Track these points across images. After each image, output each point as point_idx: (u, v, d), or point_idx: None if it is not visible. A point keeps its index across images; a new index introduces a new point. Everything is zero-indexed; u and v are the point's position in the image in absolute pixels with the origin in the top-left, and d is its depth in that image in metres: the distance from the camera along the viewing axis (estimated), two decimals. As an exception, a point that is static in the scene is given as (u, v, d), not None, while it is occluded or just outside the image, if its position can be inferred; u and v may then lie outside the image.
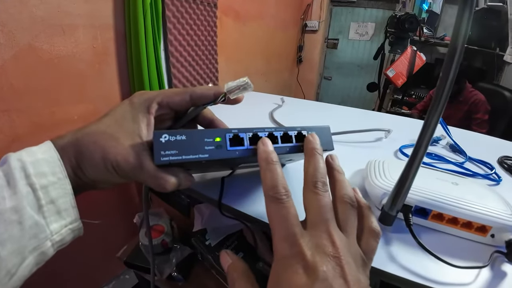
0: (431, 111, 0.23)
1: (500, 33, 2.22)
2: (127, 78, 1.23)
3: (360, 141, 0.60)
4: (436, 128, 0.24)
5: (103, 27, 1.11)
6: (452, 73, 0.22)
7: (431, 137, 0.24)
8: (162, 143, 0.24)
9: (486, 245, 0.32)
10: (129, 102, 0.27)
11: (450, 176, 0.39)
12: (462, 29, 0.21)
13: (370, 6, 2.92)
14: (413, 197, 0.31)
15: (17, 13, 0.85)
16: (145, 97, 0.27)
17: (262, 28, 2.32)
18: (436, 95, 0.22)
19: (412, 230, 0.29)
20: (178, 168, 0.27)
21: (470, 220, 0.31)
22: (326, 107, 0.96)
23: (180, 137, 0.24)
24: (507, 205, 0.33)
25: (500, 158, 0.59)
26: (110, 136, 0.24)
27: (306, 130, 0.30)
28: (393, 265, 0.28)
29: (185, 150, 0.24)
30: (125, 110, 0.26)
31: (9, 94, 0.89)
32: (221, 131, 0.26)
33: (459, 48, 0.21)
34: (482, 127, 1.88)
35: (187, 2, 1.37)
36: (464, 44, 0.21)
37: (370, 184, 0.35)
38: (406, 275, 0.27)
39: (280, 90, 2.95)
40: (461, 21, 0.20)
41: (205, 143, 0.25)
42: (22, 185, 0.20)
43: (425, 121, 0.24)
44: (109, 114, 0.26)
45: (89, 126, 0.25)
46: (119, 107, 0.27)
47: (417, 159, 0.25)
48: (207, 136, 0.25)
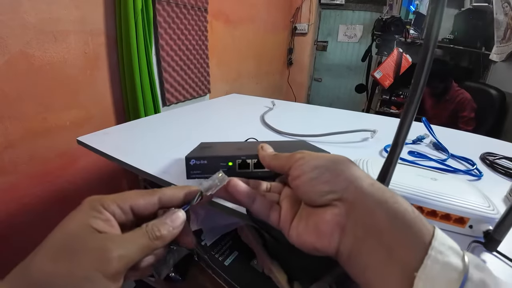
0: (405, 112, 0.25)
1: (486, 33, 2.28)
2: (119, 83, 1.24)
3: (347, 141, 0.63)
4: (411, 126, 0.26)
5: (94, 32, 1.12)
6: (423, 76, 0.24)
7: (407, 134, 0.26)
8: (191, 165, 0.35)
9: (466, 235, 0.34)
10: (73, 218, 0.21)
11: (430, 172, 0.41)
12: (434, 29, 0.23)
13: (358, 8, 2.98)
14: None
15: (8, 20, 0.86)
16: (95, 198, 0.22)
17: (252, 32, 2.35)
18: (410, 95, 0.25)
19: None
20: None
21: (448, 213, 0.34)
22: (315, 109, 0.99)
23: (203, 161, 0.34)
24: (484, 198, 0.36)
25: (482, 155, 0.62)
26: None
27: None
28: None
29: (206, 170, 0.34)
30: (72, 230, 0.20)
31: (1, 101, 0.89)
32: (232, 158, 0.34)
33: (430, 49, 0.23)
34: (468, 124, 1.94)
35: (177, 7, 1.39)
36: (436, 44, 0.23)
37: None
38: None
39: (271, 92, 2.98)
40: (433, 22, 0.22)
41: (220, 166, 0.34)
42: None
43: (401, 120, 0.26)
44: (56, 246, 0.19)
45: (36, 272, 0.18)
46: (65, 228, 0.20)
47: (395, 156, 0.27)
48: (222, 161, 0.34)
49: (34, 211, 1.04)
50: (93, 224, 0.20)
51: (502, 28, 2.07)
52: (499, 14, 2.09)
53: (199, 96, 1.70)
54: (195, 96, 1.66)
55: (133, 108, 1.22)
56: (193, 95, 1.64)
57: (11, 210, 0.98)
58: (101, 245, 0.19)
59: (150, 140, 0.62)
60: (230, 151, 0.38)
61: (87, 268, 0.18)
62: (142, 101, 1.22)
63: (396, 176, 0.36)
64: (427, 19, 2.74)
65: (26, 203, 1.01)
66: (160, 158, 0.51)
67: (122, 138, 0.63)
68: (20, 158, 0.97)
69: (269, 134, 0.68)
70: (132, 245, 0.20)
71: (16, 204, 0.99)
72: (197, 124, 0.76)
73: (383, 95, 2.77)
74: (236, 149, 0.40)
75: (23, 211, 1.01)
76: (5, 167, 0.94)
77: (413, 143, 0.66)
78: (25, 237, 1.02)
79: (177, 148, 0.57)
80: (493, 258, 0.31)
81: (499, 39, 2.10)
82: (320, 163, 0.23)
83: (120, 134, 0.66)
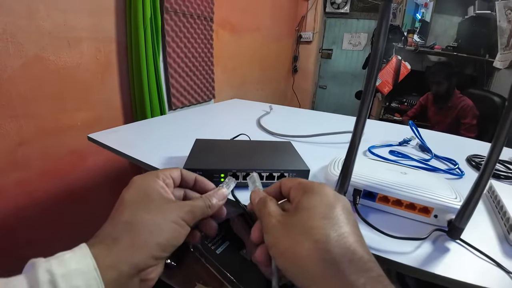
0: (361, 106, 0.29)
1: (489, 40, 2.28)
2: (128, 87, 1.31)
3: (335, 142, 0.67)
4: (366, 122, 0.30)
5: (106, 40, 1.18)
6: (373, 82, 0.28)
7: (363, 128, 0.30)
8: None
9: (431, 225, 0.37)
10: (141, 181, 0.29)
11: (401, 168, 0.45)
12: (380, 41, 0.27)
13: (363, 17, 3.03)
14: (361, 182, 0.37)
15: (25, 26, 0.92)
16: (153, 172, 0.31)
17: (258, 40, 2.42)
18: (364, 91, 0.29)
19: (357, 208, 0.35)
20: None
21: (413, 202, 0.37)
22: (311, 113, 1.03)
23: (198, 172, 0.38)
24: (452, 191, 0.39)
25: (468, 157, 0.65)
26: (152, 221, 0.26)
27: (288, 172, 0.42)
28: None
29: None
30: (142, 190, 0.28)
31: (17, 101, 0.94)
32: (224, 171, 0.41)
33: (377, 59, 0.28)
34: (470, 131, 1.94)
35: (184, 17, 1.46)
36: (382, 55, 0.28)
37: (328, 173, 0.42)
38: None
39: (276, 99, 3.03)
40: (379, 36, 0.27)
41: (214, 177, 0.41)
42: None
43: (357, 115, 0.30)
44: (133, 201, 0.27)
45: (125, 216, 0.25)
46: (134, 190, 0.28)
47: (354, 148, 0.31)
48: (215, 172, 0.41)
49: (43, 205, 1.09)
50: (160, 190, 0.29)
51: (506, 35, 2.08)
52: (503, 21, 2.10)
53: (204, 101, 1.77)
54: (200, 101, 1.72)
55: (140, 111, 1.29)
56: (198, 100, 1.70)
57: (21, 204, 1.02)
58: (180, 204, 0.28)
59: (154, 138, 0.67)
60: (222, 160, 0.44)
61: (174, 216, 0.27)
62: (149, 104, 1.28)
63: (366, 170, 0.40)
64: (430, 27, 2.77)
65: (36, 197, 1.06)
66: (162, 153, 0.56)
67: (129, 135, 0.69)
68: (33, 155, 1.02)
69: (261, 134, 0.73)
70: (195, 205, 0.29)
71: (26, 198, 1.04)
72: (198, 124, 0.82)
73: (387, 102, 2.79)
74: (230, 155, 0.46)
75: (32, 205, 1.06)
76: (18, 162, 0.99)
77: (400, 145, 0.69)
78: (33, 230, 1.07)
79: (178, 144, 0.63)
80: (457, 246, 0.34)
81: (503, 46, 2.11)
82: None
83: (127, 132, 0.71)
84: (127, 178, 0.30)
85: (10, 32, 0.88)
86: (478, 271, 0.30)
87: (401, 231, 0.35)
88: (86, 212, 1.22)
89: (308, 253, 0.21)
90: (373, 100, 1.78)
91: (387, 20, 0.26)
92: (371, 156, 0.59)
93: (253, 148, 0.51)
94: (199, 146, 0.51)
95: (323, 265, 0.20)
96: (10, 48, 0.90)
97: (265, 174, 0.42)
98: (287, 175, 0.42)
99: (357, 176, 0.37)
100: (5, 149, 0.95)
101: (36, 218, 1.08)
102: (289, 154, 0.48)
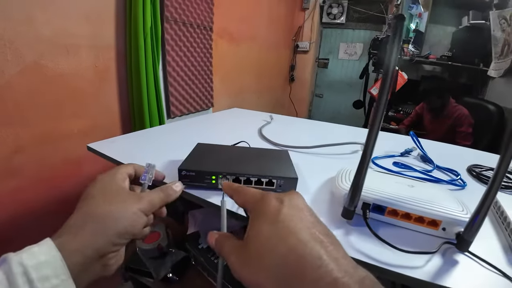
0: (372, 122, 0.29)
1: (483, 50, 2.33)
2: (126, 95, 1.30)
3: (337, 153, 0.67)
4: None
5: (105, 47, 1.18)
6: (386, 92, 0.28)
7: (375, 142, 0.30)
8: (182, 175, 0.43)
9: (439, 237, 0.37)
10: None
11: (408, 180, 0.45)
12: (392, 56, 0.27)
13: (358, 27, 3.09)
14: (371, 196, 0.37)
15: (24, 32, 0.91)
16: (111, 171, 0.34)
17: (255, 49, 2.44)
18: (376, 106, 0.29)
19: (368, 222, 0.35)
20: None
21: (421, 215, 0.37)
22: (312, 123, 1.03)
23: (192, 173, 0.43)
24: (459, 203, 0.39)
25: (469, 167, 0.65)
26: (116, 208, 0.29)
27: (276, 179, 0.43)
28: (352, 251, 0.33)
29: (194, 180, 0.43)
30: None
31: (14, 108, 0.93)
32: (216, 173, 0.43)
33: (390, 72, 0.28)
34: (466, 139, 1.96)
35: (184, 26, 1.47)
36: (394, 68, 0.28)
37: (336, 187, 0.41)
38: (363, 258, 0.32)
39: (273, 107, 3.05)
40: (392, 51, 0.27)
41: (205, 179, 0.43)
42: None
43: (369, 129, 0.30)
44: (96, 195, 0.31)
45: (87, 207, 0.30)
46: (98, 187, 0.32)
47: (365, 163, 0.31)
48: (207, 174, 0.43)
49: (38, 214, 1.07)
50: (121, 184, 0.32)
51: (500, 44, 2.13)
52: (497, 31, 2.15)
53: (202, 110, 1.76)
54: (198, 109, 1.72)
55: (139, 119, 1.28)
56: (196, 108, 1.70)
57: (15, 213, 1.00)
58: (139, 196, 0.32)
59: (155, 148, 0.67)
60: (216, 164, 0.45)
61: (133, 207, 0.30)
62: (148, 113, 1.27)
63: (374, 183, 0.40)
64: (424, 37, 2.82)
65: (30, 206, 1.04)
66: (161, 164, 0.55)
67: (126, 145, 0.68)
68: (28, 163, 1.00)
69: (262, 143, 0.73)
70: (155, 196, 0.33)
71: (20, 207, 1.01)
72: (200, 133, 0.81)
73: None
74: (224, 159, 0.47)
75: (26, 214, 1.03)
76: (13, 170, 0.97)
77: (401, 156, 0.69)
78: (28, 240, 1.03)
79: (177, 154, 0.61)
80: (465, 258, 0.34)
81: (497, 55, 2.15)
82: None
83: (125, 142, 0.70)
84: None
85: (8, 38, 0.87)
86: (488, 283, 0.30)
87: (409, 244, 0.35)
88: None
89: (266, 281, 0.21)
90: (371, 110, 1.79)
91: (399, 37, 0.27)
92: (375, 168, 0.59)
93: (250, 154, 0.52)
94: (198, 149, 0.52)
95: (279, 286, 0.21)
96: (8, 54, 0.88)
97: (254, 179, 0.43)
98: (274, 181, 0.43)
99: (366, 189, 0.37)
100: (0, 156, 0.92)
101: (31, 227, 1.06)
102: (281, 162, 0.49)
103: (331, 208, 0.42)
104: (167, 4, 1.33)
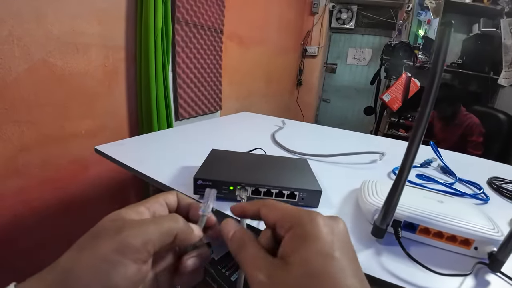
0: (413, 136, 0.27)
1: (494, 58, 2.30)
2: (135, 96, 1.29)
3: (356, 162, 0.64)
4: (419, 150, 0.28)
5: (115, 47, 1.17)
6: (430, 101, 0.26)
7: (414, 158, 0.28)
8: (198, 184, 0.41)
9: (471, 257, 0.35)
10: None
11: (436, 195, 0.42)
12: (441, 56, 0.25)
13: (367, 33, 3.06)
14: (402, 213, 0.35)
15: (33, 29, 0.90)
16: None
17: (264, 53, 2.43)
18: (417, 120, 0.27)
19: (401, 242, 0.32)
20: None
21: (454, 234, 0.35)
22: (324, 130, 1.01)
23: (208, 182, 0.41)
24: (489, 221, 0.37)
25: (489, 179, 0.63)
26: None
27: (299, 191, 0.41)
28: (384, 273, 0.31)
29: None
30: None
31: (21, 105, 0.92)
32: (234, 184, 0.40)
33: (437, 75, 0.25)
34: (477, 149, 1.92)
35: (195, 28, 1.46)
36: (443, 69, 0.25)
37: (363, 201, 0.39)
38: (396, 281, 0.30)
39: (280, 111, 3.03)
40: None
41: (223, 189, 0.41)
42: None
43: (408, 145, 0.28)
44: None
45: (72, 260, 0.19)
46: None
47: (402, 179, 0.29)
48: (225, 185, 0.41)
49: (42, 215, 1.05)
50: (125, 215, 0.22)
51: (510, 53, 2.10)
52: (507, 39, 2.13)
53: (210, 112, 1.75)
54: (206, 112, 1.70)
55: (147, 121, 1.27)
56: (204, 111, 1.68)
57: (19, 212, 0.99)
58: (118, 226, 0.20)
59: (162, 152, 0.65)
60: (234, 173, 0.43)
61: (106, 251, 0.18)
62: (156, 115, 1.26)
63: (403, 198, 0.37)
64: (435, 44, 2.80)
65: (34, 206, 1.03)
66: (174, 170, 0.54)
67: (136, 149, 0.66)
68: (34, 162, 0.99)
69: (276, 150, 0.70)
70: (149, 226, 0.20)
71: (24, 207, 1.00)
72: (210, 138, 0.79)
73: (391, 118, 2.79)
74: (242, 168, 0.45)
75: (31, 214, 1.02)
76: (18, 169, 0.96)
77: (421, 166, 0.67)
78: (31, 240, 1.03)
79: (190, 159, 0.59)
80: (497, 279, 0.32)
81: (507, 64, 2.13)
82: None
83: (135, 145, 0.69)
84: (129, 189, 0.26)
85: (17, 35, 0.86)
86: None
87: (441, 264, 0.33)
88: (86, 223, 1.16)
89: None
90: (382, 117, 1.77)
91: (446, 45, 0.24)
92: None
93: (267, 163, 0.50)
94: (213, 156, 0.50)
95: None
96: (16, 51, 0.87)
97: (275, 191, 0.41)
98: (297, 194, 0.41)
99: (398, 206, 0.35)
100: (5, 154, 0.91)
101: (35, 227, 1.04)
102: (302, 172, 0.46)
103: (357, 223, 0.40)
104: (178, 5, 1.32)
